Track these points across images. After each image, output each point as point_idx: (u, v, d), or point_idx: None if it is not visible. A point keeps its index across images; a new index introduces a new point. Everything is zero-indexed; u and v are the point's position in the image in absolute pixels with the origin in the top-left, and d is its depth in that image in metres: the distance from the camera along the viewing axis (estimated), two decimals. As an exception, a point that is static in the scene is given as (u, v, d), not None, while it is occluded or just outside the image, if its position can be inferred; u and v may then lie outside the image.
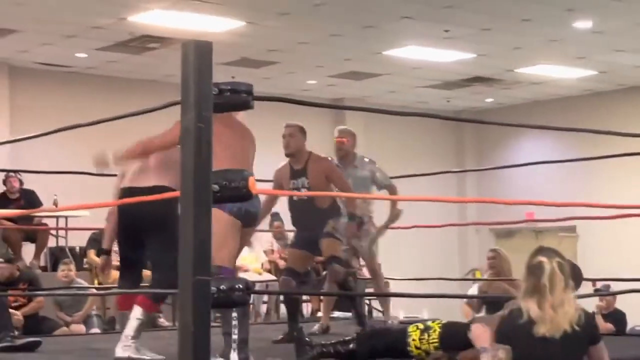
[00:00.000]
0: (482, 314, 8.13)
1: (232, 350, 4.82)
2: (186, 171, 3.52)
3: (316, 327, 7.30)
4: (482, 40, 12.13)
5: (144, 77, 13.97)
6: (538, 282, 4.01)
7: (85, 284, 9.27)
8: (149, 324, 5.27)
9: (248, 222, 5.07)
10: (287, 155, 6.74)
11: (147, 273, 9.77)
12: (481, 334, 4.18)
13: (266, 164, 6.43)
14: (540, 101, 16.37)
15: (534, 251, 4.19)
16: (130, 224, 5.27)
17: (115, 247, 9.78)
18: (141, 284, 5.68)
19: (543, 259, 4.06)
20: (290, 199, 6.77)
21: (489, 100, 16.44)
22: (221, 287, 3.65)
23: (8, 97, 13.00)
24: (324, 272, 7.39)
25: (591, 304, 10.17)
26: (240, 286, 3.72)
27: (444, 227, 9.17)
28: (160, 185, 5.13)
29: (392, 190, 7.53)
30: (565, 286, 4.00)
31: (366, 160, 7.49)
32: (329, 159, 7.00)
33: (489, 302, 8.04)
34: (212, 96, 3.56)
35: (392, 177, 9.51)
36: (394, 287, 11.30)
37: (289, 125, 6.72)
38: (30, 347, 5.79)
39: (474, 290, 10.21)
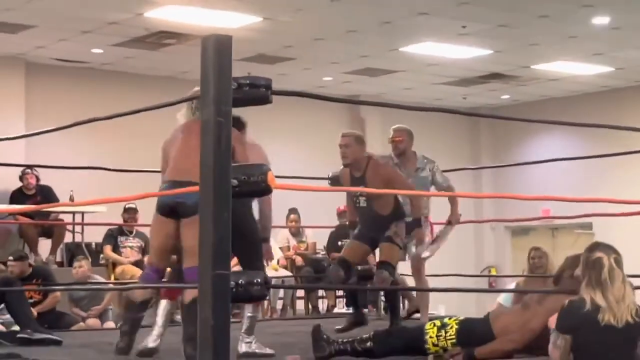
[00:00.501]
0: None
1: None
2: (206, 166, 3.52)
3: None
4: (498, 36, 12.09)
5: (160, 74, 13.99)
6: (599, 276, 4.22)
7: (102, 280, 9.29)
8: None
9: (168, 213, 5.09)
10: (345, 165, 6.71)
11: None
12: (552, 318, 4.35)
13: (283, 160, 6.44)
14: (556, 98, 16.31)
15: (590, 247, 4.39)
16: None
17: (130, 243, 9.90)
18: None
19: (601, 254, 4.27)
20: (354, 204, 6.77)
21: (505, 97, 16.40)
22: (240, 281, 3.65)
23: (24, 93, 13.05)
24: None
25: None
26: (259, 280, 3.72)
27: (460, 224, 9.12)
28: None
29: (451, 191, 7.44)
30: (623, 280, 4.23)
31: (426, 160, 7.38)
32: (389, 162, 6.94)
33: None
34: (232, 90, 3.56)
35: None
36: (410, 284, 11.28)
37: (345, 134, 6.70)
38: (47, 343, 5.82)
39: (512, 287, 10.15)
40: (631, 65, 14.01)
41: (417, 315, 7.58)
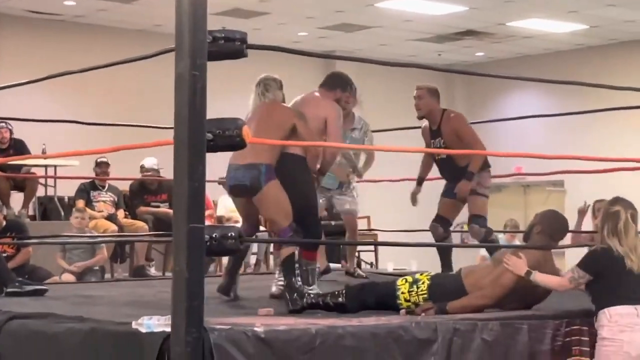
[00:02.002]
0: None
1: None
2: (180, 119, 3.52)
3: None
4: (474, -7, 12.08)
5: (133, 27, 13.86)
6: (615, 227, 4.61)
7: (96, 234, 9.20)
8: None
9: (238, 194, 5.61)
10: (418, 118, 6.82)
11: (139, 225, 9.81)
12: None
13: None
14: (531, 55, 16.33)
15: (612, 200, 4.75)
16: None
17: (104, 197, 9.86)
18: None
19: (620, 208, 4.65)
20: (434, 157, 6.95)
21: (480, 54, 16.40)
22: (214, 235, 3.67)
23: (-5, 45, 12.91)
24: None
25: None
26: (233, 234, 3.75)
27: (433, 180, 9.17)
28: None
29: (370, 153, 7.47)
30: (635, 233, 4.64)
31: (362, 121, 7.37)
32: (461, 115, 6.98)
33: None
34: (207, 44, 3.55)
35: (381, 130, 9.51)
36: (383, 240, 11.35)
37: (418, 87, 6.83)
38: (40, 293, 5.84)
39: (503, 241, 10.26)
40: (605, 23, 14.04)
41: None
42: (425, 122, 7.03)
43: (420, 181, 7.29)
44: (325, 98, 6.02)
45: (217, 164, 5.54)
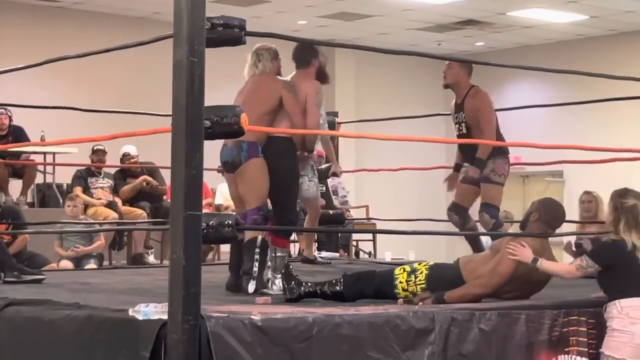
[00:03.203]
0: None
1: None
2: (178, 106, 3.50)
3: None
4: (474, -18, 12.04)
5: (133, 14, 13.83)
6: (636, 220, 4.65)
7: (92, 221, 9.19)
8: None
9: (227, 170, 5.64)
10: (444, 86, 6.73)
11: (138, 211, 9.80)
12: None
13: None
14: (531, 46, 16.30)
15: (621, 192, 4.80)
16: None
17: (101, 184, 9.85)
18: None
19: (635, 201, 4.70)
20: (458, 131, 6.83)
21: (480, 44, 16.37)
22: (211, 222, 3.66)
23: (-6, 31, 12.87)
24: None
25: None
26: (230, 222, 3.74)
27: (431, 169, 9.16)
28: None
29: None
30: None
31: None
32: (487, 96, 6.80)
33: None
34: (205, 30, 3.53)
35: (381, 119, 9.50)
36: (382, 228, 11.35)
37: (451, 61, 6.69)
38: (37, 283, 5.84)
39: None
40: (605, 14, 14.01)
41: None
42: (455, 97, 6.89)
43: (457, 167, 7.10)
44: (305, 77, 5.94)
45: (216, 152, 5.55)
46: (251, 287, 5.30)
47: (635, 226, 4.63)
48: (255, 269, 5.33)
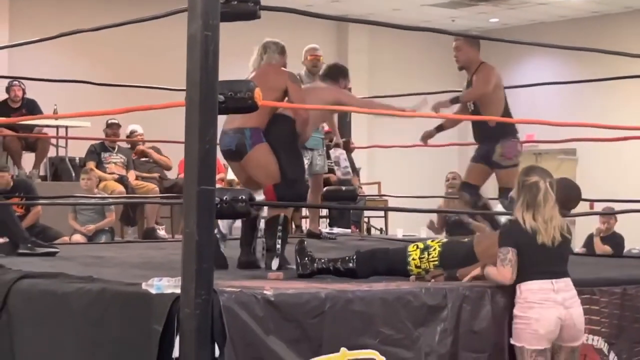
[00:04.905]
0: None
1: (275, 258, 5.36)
2: (192, 80, 3.49)
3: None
4: (489, -42, 11.96)
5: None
6: (534, 199, 4.37)
7: (105, 195, 9.20)
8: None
9: (229, 159, 5.68)
10: (459, 69, 6.71)
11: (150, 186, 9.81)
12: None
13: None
14: (545, 23, 16.20)
15: (526, 170, 4.52)
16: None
17: (114, 159, 9.87)
18: None
19: (537, 178, 4.39)
20: (467, 109, 6.75)
21: (494, 20, 16.27)
22: (225, 197, 3.66)
23: (8, 5, 12.83)
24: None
25: (591, 228, 10.20)
26: (244, 197, 3.74)
27: (444, 146, 9.14)
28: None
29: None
30: (554, 203, 4.39)
31: None
32: (491, 68, 6.69)
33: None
34: (219, 4, 3.52)
35: (394, 96, 9.46)
36: (394, 205, 11.35)
37: (456, 38, 6.64)
38: (51, 255, 5.86)
39: (500, 208, 10.21)
40: (621, -9, 13.92)
41: None
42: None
43: (439, 128, 7.06)
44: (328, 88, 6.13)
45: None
46: (275, 264, 5.33)
47: (532, 205, 4.34)
48: (278, 245, 5.37)
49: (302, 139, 5.80)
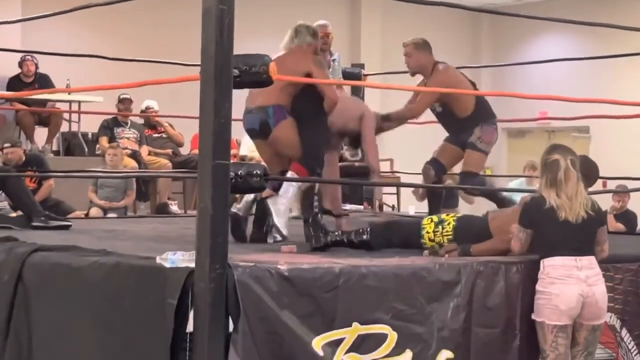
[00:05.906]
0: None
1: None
2: (207, 54, 3.48)
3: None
4: None
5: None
6: (555, 177, 4.42)
7: (127, 170, 9.19)
8: None
9: (254, 137, 5.64)
10: (412, 75, 6.57)
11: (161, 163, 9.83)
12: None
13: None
14: (559, -1, 16.09)
15: (548, 148, 4.56)
16: None
17: (127, 134, 9.88)
18: None
19: (558, 156, 4.44)
20: (432, 110, 6.57)
21: (508, -5, 16.19)
22: (239, 172, 3.66)
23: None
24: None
25: (605, 205, 10.17)
26: (258, 172, 3.74)
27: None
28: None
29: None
30: (577, 180, 4.44)
31: (336, 52, 7.04)
32: (447, 68, 6.53)
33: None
34: (235, -22, 3.50)
35: (407, 72, 9.42)
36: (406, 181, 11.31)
37: (404, 44, 6.50)
38: (64, 229, 5.89)
39: (515, 184, 10.23)
40: (637, -33, 13.79)
41: None
42: (421, 78, 6.66)
43: (387, 116, 6.60)
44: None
45: (243, 100, 5.53)
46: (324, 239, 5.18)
47: (554, 182, 4.41)
48: (321, 217, 5.35)
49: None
